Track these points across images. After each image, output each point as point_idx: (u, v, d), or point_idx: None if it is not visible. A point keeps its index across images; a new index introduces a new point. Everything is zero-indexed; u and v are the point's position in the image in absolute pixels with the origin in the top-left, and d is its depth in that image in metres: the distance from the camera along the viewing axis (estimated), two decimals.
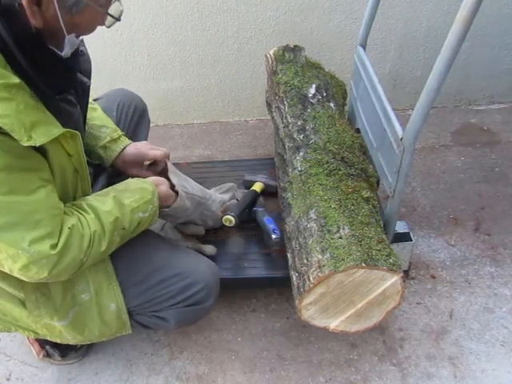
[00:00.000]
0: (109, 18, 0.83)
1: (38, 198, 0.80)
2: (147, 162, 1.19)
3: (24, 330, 1.07)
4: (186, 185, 1.18)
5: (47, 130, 0.79)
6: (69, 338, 1.05)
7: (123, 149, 1.19)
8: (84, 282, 1.00)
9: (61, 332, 1.04)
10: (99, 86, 1.35)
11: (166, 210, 1.09)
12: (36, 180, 0.80)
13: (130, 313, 1.07)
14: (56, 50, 0.83)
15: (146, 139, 1.46)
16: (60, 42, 0.83)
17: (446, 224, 1.60)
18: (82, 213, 0.89)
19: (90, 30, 0.84)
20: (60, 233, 0.83)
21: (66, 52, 0.85)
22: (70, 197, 0.93)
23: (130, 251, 1.05)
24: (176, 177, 1.16)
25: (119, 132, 1.21)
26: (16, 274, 0.83)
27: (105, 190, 1.00)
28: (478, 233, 1.56)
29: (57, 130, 0.81)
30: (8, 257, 0.80)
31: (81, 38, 0.88)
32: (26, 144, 0.75)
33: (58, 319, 1.01)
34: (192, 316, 1.10)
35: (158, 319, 1.09)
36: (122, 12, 0.85)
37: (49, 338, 1.09)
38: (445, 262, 1.47)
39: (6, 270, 0.83)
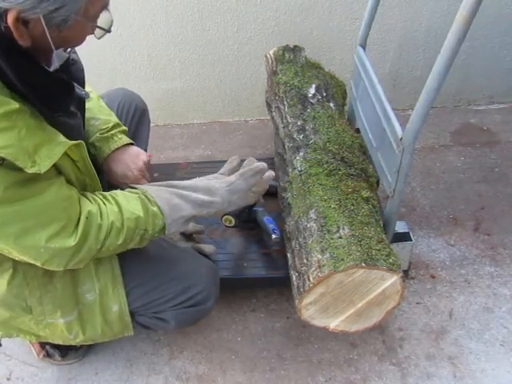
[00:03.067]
0: (99, 29, 0.82)
1: (46, 197, 0.80)
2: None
3: (26, 334, 1.07)
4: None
5: (50, 150, 0.78)
6: (71, 337, 1.05)
7: (113, 150, 1.13)
8: (90, 282, 1.00)
9: (63, 331, 1.03)
10: (99, 86, 1.35)
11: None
12: (42, 183, 0.80)
13: (131, 314, 1.08)
14: (44, 66, 0.81)
15: (147, 139, 1.46)
16: (48, 57, 0.82)
17: (446, 224, 1.60)
18: (105, 202, 0.90)
19: (79, 42, 0.83)
20: (77, 222, 0.84)
21: (54, 66, 0.84)
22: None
23: (133, 253, 1.05)
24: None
25: (109, 124, 1.15)
26: (39, 265, 0.85)
27: (132, 191, 0.97)
28: (477, 233, 1.56)
29: (59, 147, 0.80)
30: (31, 258, 0.82)
31: (68, 50, 0.87)
32: (30, 171, 0.74)
33: (61, 315, 1.01)
34: (192, 317, 1.10)
35: (158, 320, 1.09)
36: (112, 23, 0.83)
37: (50, 341, 1.09)
38: (444, 261, 1.47)
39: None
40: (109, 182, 1.17)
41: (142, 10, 1.93)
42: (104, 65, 2.07)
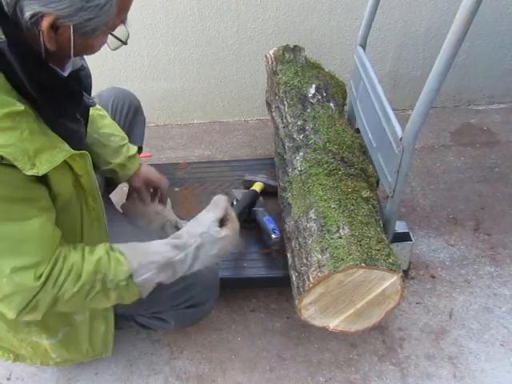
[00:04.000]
0: (115, 40, 0.83)
1: (30, 227, 0.77)
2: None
3: (4, 352, 1.07)
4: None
5: (51, 156, 0.77)
6: (53, 356, 1.06)
7: (139, 167, 1.25)
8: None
9: (46, 351, 1.04)
10: (100, 86, 1.35)
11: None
12: (32, 210, 0.78)
13: (131, 315, 1.08)
14: (58, 70, 0.82)
15: (142, 136, 1.48)
16: (64, 62, 0.83)
17: (446, 224, 1.60)
18: (72, 249, 0.85)
19: (95, 51, 0.84)
20: (48, 265, 0.79)
21: (68, 71, 0.85)
22: (74, 215, 0.90)
23: None
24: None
25: (126, 140, 1.24)
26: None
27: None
28: (477, 233, 1.56)
29: (61, 154, 0.79)
30: None
31: (82, 56, 0.88)
32: (29, 173, 0.73)
33: (47, 337, 1.01)
34: (192, 317, 1.11)
35: (158, 320, 1.09)
36: (128, 36, 0.85)
37: (28, 361, 1.09)
38: (444, 261, 1.47)
39: None
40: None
41: (142, 10, 1.93)
42: (104, 65, 2.07)
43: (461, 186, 1.75)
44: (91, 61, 0.98)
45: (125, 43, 0.85)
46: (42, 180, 0.78)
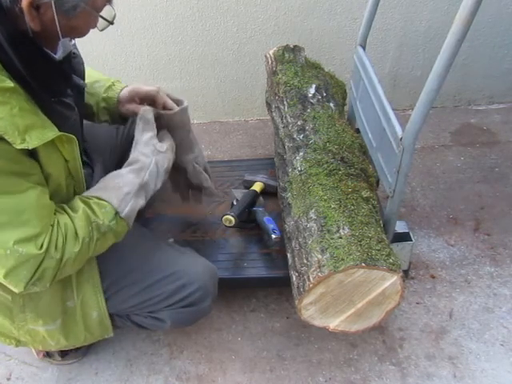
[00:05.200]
0: (102, 21, 0.84)
1: (27, 198, 0.79)
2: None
3: (6, 338, 1.07)
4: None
5: (41, 133, 0.79)
6: (52, 343, 1.05)
7: (120, 91, 1.15)
8: (70, 289, 1.00)
9: (44, 338, 1.04)
10: None
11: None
12: (27, 183, 0.79)
13: (126, 314, 1.07)
14: (50, 53, 0.83)
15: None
16: (54, 44, 0.84)
17: (446, 224, 1.60)
18: (60, 211, 0.88)
19: (84, 33, 0.85)
20: (48, 233, 0.82)
21: (60, 55, 0.86)
22: (63, 200, 0.92)
23: (122, 252, 1.05)
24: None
25: (111, 79, 1.19)
26: (4, 280, 0.81)
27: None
28: (477, 233, 1.56)
29: (51, 133, 0.81)
30: None
31: (74, 41, 0.89)
32: (19, 147, 0.74)
33: (42, 324, 1.01)
34: (188, 317, 1.10)
35: (154, 320, 1.09)
36: (114, 16, 0.85)
37: (30, 346, 1.09)
38: (444, 261, 1.47)
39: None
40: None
41: (142, 10, 1.93)
42: (104, 65, 2.07)
43: (461, 185, 1.75)
44: (91, 61, 0.99)
45: (111, 23, 0.85)
46: (34, 157, 0.80)
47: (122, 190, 0.94)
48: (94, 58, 2.02)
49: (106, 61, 2.07)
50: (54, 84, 0.85)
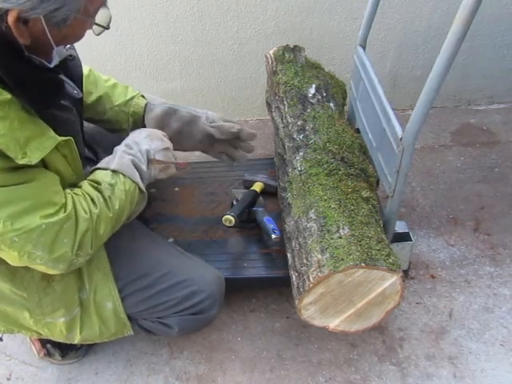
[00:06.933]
0: (97, 26, 0.82)
1: (39, 181, 0.81)
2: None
3: (27, 331, 1.08)
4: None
5: (40, 143, 0.79)
6: (69, 336, 1.06)
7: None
8: (81, 281, 1.01)
9: (61, 331, 1.04)
10: None
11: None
12: (34, 170, 0.81)
13: (134, 318, 1.08)
14: (45, 62, 0.82)
15: None
16: (48, 53, 0.83)
17: (446, 224, 1.60)
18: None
19: (78, 39, 0.84)
20: (67, 200, 0.87)
21: (55, 62, 0.85)
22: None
23: (136, 255, 1.06)
24: None
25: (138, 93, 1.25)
26: (52, 259, 0.84)
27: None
28: (477, 233, 1.56)
29: (50, 141, 0.81)
30: (34, 246, 0.81)
31: (68, 46, 0.88)
32: (21, 162, 0.75)
33: (60, 316, 1.01)
34: (195, 324, 1.11)
35: (161, 325, 1.10)
36: (110, 19, 0.84)
37: (52, 338, 1.09)
38: (444, 261, 1.47)
39: (42, 268, 0.86)
40: None
41: (141, 10, 1.93)
42: (104, 65, 2.07)
43: (461, 185, 1.75)
44: (91, 61, 0.98)
45: (106, 28, 0.84)
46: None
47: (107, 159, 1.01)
48: (93, 58, 2.02)
49: (106, 61, 2.07)
50: (44, 98, 0.83)
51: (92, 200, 0.91)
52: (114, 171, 0.97)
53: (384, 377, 1.20)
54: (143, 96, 1.26)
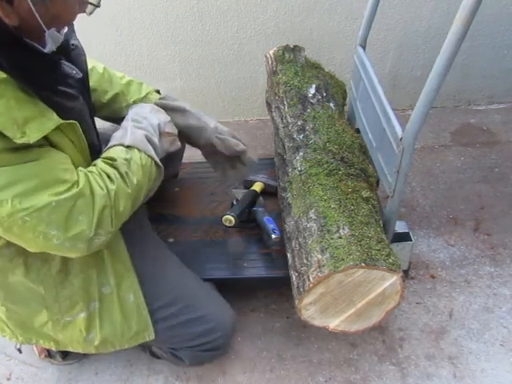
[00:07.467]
0: (88, 4, 0.81)
1: (46, 159, 0.80)
2: None
3: (45, 340, 1.07)
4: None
5: (41, 124, 0.78)
6: (89, 337, 1.03)
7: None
8: (103, 275, 1.01)
9: (81, 331, 1.02)
10: None
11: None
12: (40, 149, 0.80)
13: (149, 344, 1.09)
14: (38, 46, 0.80)
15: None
16: (41, 37, 0.81)
17: (446, 224, 1.60)
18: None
19: (68, 20, 0.82)
20: (79, 177, 0.85)
21: (50, 48, 0.82)
22: None
23: (162, 281, 1.07)
24: None
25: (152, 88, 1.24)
26: (70, 238, 0.82)
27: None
28: (477, 233, 1.56)
29: (51, 122, 0.80)
30: (48, 225, 0.80)
31: (64, 31, 0.86)
32: (19, 141, 0.73)
33: (78, 311, 1.01)
34: (206, 359, 1.17)
35: (173, 357, 1.14)
36: None
37: (70, 348, 1.08)
38: (444, 261, 1.47)
39: (62, 251, 0.85)
40: None
41: (141, 10, 1.93)
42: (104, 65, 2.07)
43: (461, 185, 1.75)
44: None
45: (97, 5, 0.82)
46: (48, 141, 0.81)
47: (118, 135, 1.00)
48: (93, 58, 2.02)
49: (106, 61, 2.05)
50: (41, 79, 0.82)
51: (108, 176, 0.89)
52: (128, 147, 0.95)
53: (384, 377, 1.20)
54: (158, 91, 1.25)
